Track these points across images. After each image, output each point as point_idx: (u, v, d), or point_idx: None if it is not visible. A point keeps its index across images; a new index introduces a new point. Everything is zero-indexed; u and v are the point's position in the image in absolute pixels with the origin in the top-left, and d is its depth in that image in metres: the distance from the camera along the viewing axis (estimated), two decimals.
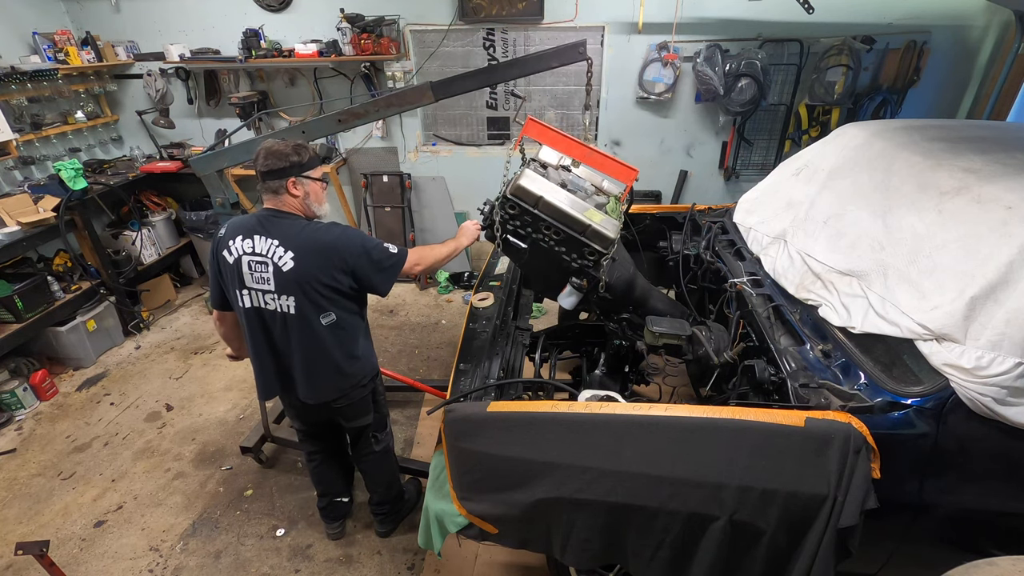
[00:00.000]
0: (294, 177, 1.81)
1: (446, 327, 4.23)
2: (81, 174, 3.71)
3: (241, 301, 1.88)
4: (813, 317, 1.82)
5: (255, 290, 1.84)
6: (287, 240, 1.79)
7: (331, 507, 2.49)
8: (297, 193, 1.84)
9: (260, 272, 1.81)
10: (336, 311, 1.89)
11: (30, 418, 3.40)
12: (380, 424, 2.31)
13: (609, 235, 1.94)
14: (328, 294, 1.85)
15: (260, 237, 1.80)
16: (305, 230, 1.82)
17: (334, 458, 2.43)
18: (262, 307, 1.87)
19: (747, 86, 3.78)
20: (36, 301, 3.49)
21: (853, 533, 1.37)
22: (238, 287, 1.86)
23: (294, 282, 1.80)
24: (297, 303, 1.83)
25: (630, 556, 1.56)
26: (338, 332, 1.92)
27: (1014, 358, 1.31)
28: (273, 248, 1.79)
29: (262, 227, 1.82)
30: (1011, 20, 3.53)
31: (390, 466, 2.44)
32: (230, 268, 1.85)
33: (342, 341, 1.95)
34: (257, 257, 1.80)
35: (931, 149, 1.89)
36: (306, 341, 1.90)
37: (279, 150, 1.80)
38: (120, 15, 4.40)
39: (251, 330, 1.93)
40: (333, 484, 2.46)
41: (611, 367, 2.35)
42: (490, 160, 4.60)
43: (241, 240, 1.82)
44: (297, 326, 1.87)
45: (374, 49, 4.04)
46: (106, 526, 2.64)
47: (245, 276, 1.83)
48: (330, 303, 1.87)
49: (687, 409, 1.49)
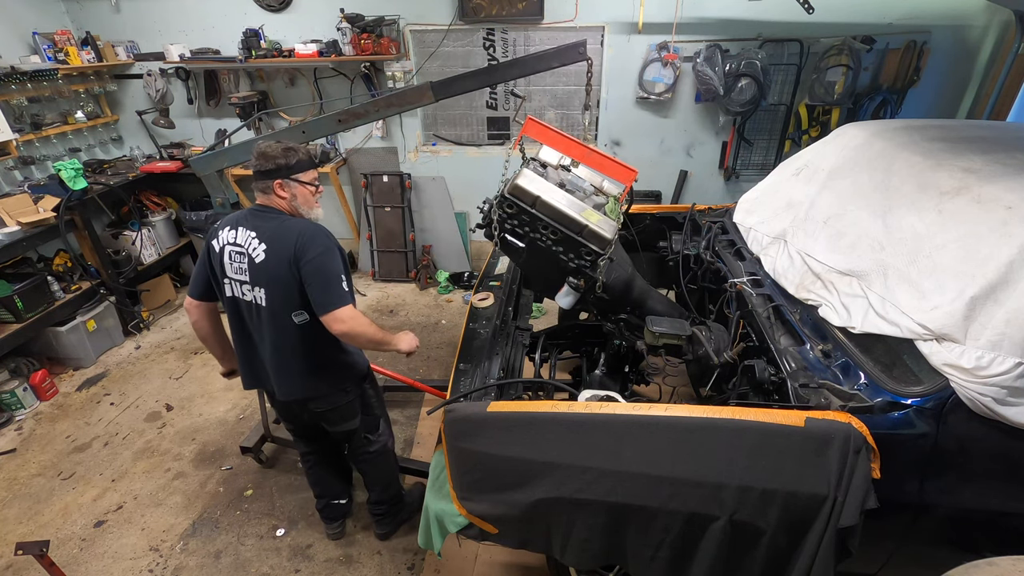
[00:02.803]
0: (280, 179, 1.85)
1: (446, 327, 4.23)
2: (81, 174, 3.71)
3: (223, 290, 1.93)
4: (813, 317, 1.82)
5: (234, 280, 1.89)
6: (263, 232, 1.83)
7: (329, 508, 2.49)
8: (284, 195, 1.87)
9: (238, 262, 1.85)
10: (308, 310, 1.86)
11: (30, 418, 3.40)
12: (371, 426, 2.29)
13: (606, 236, 1.94)
14: (293, 289, 1.82)
15: (243, 229, 1.85)
16: (282, 225, 1.84)
17: (329, 459, 2.43)
18: (239, 297, 1.90)
19: (747, 86, 3.78)
20: (36, 301, 3.49)
21: (853, 533, 1.37)
22: (222, 276, 1.91)
23: (264, 273, 1.82)
24: (267, 295, 1.84)
25: (630, 556, 1.56)
26: (312, 332, 1.89)
27: (1014, 358, 1.31)
28: (250, 239, 1.83)
29: (247, 220, 1.87)
30: (1011, 20, 3.53)
31: (387, 466, 2.43)
32: (216, 257, 1.90)
33: (316, 342, 1.92)
34: (237, 247, 1.85)
35: (931, 149, 1.89)
36: (276, 335, 1.90)
37: (268, 152, 1.84)
38: (120, 15, 4.40)
39: (231, 320, 1.98)
40: (330, 486, 2.46)
41: (611, 367, 2.35)
42: (490, 160, 4.60)
43: (228, 231, 1.87)
44: (268, 319, 1.88)
45: (374, 49, 4.04)
46: (106, 526, 2.64)
47: (226, 265, 1.88)
48: (300, 299, 1.84)
49: (687, 409, 1.49)
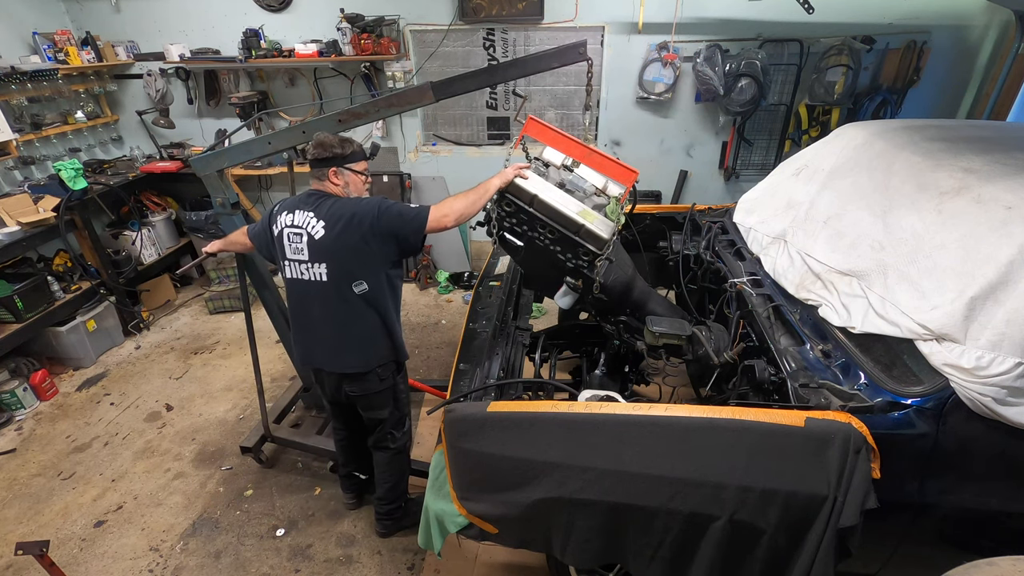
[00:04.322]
0: (335, 167, 2.00)
1: (446, 327, 4.23)
2: (81, 174, 3.71)
3: (284, 272, 2.05)
4: (813, 317, 1.82)
5: (292, 260, 2.00)
6: (320, 211, 1.95)
7: (350, 479, 2.60)
8: (337, 182, 2.02)
9: (296, 243, 1.97)
10: (368, 279, 1.97)
11: (30, 418, 3.40)
12: (398, 422, 2.33)
13: (603, 236, 1.94)
14: (358, 259, 1.95)
15: (300, 211, 1.98)
16: (337, 202, 1.97)
17: (357, 440, 2.48)
18: (299, 277, 2.01)
19: (747, 86, 3.78)
20: (36, 301, 3.49)
21: (853, 533, 1.37)
22: (281, 258, 2.04)
23: (325, 249, 1.93)
24: (328, 270, 1.95)
25: (630, 556, 1.56)
26: (370, 301, 2.01)
27: (1014, 358, 1.31)
28: (308, 219, 1.95)
29: (303, 203, 1.99)
30: (1011, 20, 3.53)
31: (399, 467, 2.44)
32: (276, 240, 2.04)
33: (374, 310, 2.03)
34: (295, 229, 1.97)
35: (931, 149, 1.89)
36: (337, 307, 2.00)
37: (326, 142, 2.00)
38: (120, 15, 4.40)
39: (290, 299, 2.12)
40: (354, 460, 2.54)
41: (611, 367, 2.35)
42: (490, 160, 4.60)
43: (285, 215, 2.01)
44: (328, 293, 1.98)
45: (374, 49, 4.04)
46: (106, 526, 2.64)
47: (286, 247, 2.00)
48: (361, 269, 1.96)
49: (687, 409, 1.49)
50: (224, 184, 2.48)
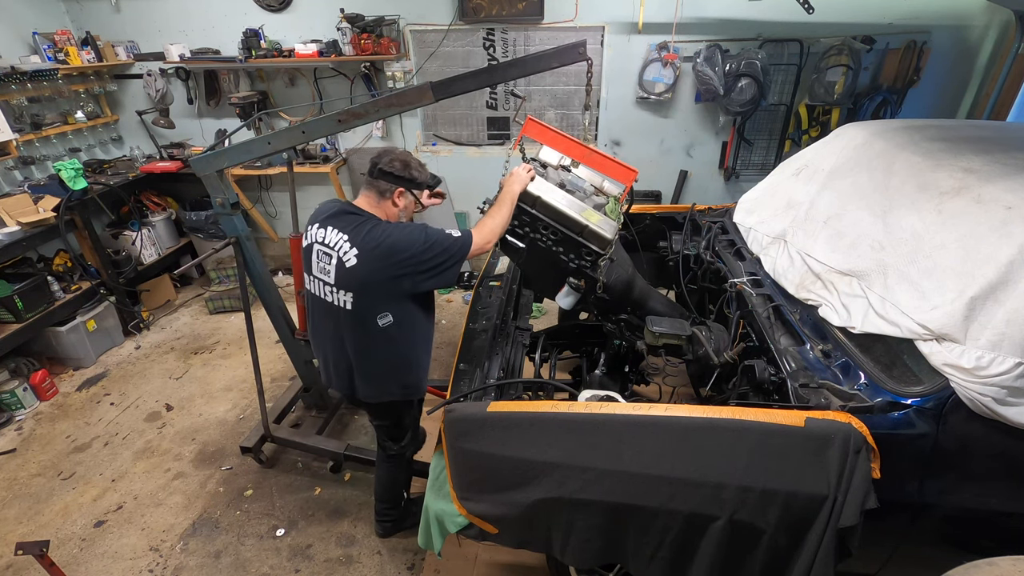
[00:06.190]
0: (403, 188, 1.90)
1: (446, 327, 4.23)
2: (81, 174, 3.71)
3: (307, 283, 1.98)
4: (813, 317, 1.82)
5: (317, 279, 1.90)
6: (356, 236, 1.80)
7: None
8: (399, 204, 1.93)
9: (324, 263, 1.86)
10: (394, 311, 1.86)
11: (30, 418, 3.40)
12: (396, 435, 2.28)
13: (606, 236, 1.94)
14: (387, 292, 1.83)
15: (332, 229, 1.84)
16: (375, 228, 1.81)
17: None
18: (321, 297, 1.92)
19: (747, 86, 3.78)
20: (36, 301, 3.49)
21: (853, 533, 1.37)
22: (307, 271, 1.95)
23: (354, 279, 1.80)
24: (354, 301, 1.83)
25: (630, 556, 1.56)
26: (392, 334, 1.89)
27: (1014, 358, 1.31)
28: (341, 242, 1.81)
29: (337, 220, 1.86)
30: (1011, 20, 3.53)
31: (392, 474, 2.41)
32: (304, 251, 1.94)
33: (396, 345, 1.92)
34: (325, 248, 1.85)
35: (931, 149, 1.89)
36: (358, 339, 1.91)
37: (405, 159, 1.91)
38: (120, 15, 4.40)
39: (311, 315, 2.04)
40: None
41: (611, 367, 2.35)
42: (490, 160, 4.59)
43: (316, 228, 1.89)
44: (352, 323, 1.88)
45: (374, 49, 4.03)
46: (106, 526, 2.64)
47: (312, 263, 1.90)
48: (387, 302, 1.84)
49: (687, 409, 1.49)
50: (224, 184, 2.48)
